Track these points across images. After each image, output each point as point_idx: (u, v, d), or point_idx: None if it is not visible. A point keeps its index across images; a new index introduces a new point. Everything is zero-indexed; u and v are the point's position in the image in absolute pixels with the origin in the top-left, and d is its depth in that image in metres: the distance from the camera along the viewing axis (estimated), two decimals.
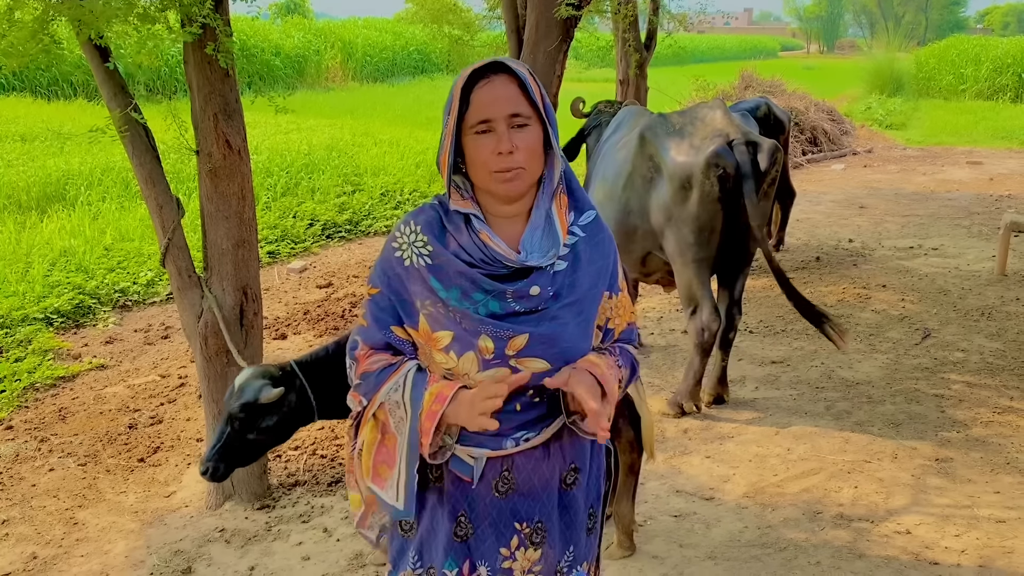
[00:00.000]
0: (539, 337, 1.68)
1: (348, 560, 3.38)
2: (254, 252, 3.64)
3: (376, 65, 28.67)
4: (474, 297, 1.67)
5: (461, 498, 1.78)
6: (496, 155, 1.64)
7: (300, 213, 8.89)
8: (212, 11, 3.12)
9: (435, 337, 1.70)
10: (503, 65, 1.65)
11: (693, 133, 4.45)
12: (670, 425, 4.53)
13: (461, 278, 1.68)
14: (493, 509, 1.78)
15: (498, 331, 1.66)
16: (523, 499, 1.78)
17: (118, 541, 3.58)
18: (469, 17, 9.81)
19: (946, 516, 3.63)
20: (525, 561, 1.81)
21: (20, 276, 6.43)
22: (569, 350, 1.71)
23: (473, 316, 1.67)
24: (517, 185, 1.67)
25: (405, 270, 1.71)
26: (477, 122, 1.65)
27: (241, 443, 2.75)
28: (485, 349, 1.67)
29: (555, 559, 1.84)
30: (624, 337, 1.87)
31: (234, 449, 2.75)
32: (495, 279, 1.68)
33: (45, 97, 17.57)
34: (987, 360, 5.34)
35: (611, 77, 10.13)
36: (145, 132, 3.43)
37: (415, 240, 1.72)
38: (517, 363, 1.69)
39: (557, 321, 1.70)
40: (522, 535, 1.79)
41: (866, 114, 18.52)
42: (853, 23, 77.60)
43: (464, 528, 1.80)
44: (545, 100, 1.68)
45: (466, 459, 1.75)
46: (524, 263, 1.68)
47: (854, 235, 8.75)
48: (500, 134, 1.64)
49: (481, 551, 1.80)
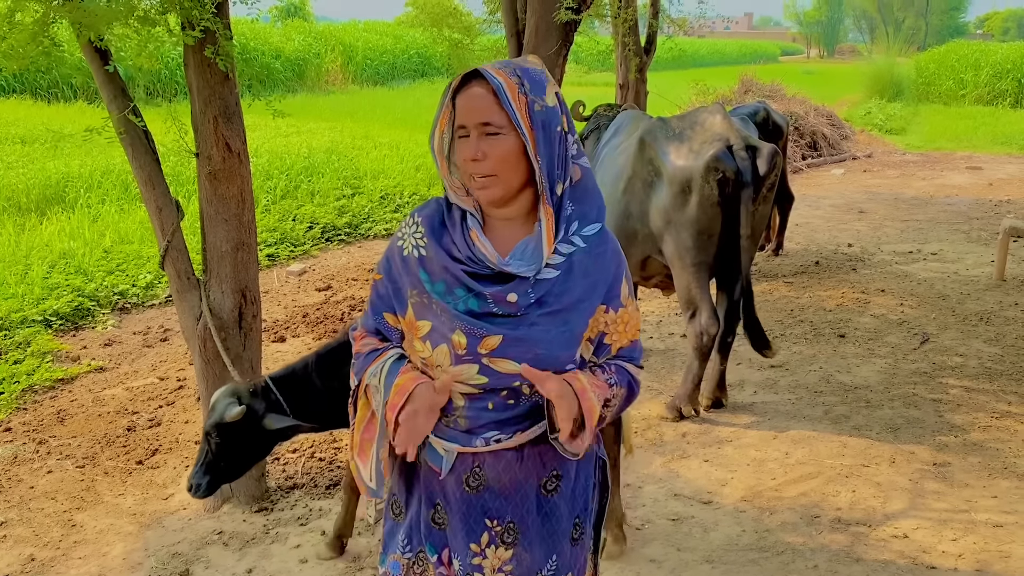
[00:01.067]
0: (513, 340, 1.68)
1: (346, 563, 3.38)
2: (253, 255, 3.65)
3: (376, 68, 28.72)
4: (456, 292, 1.71)
5: (437, 487, 1.82)
6: (468, 161, 1.67)
7: (299, 216, 8.90)
8: (213, 14, 3.13)
9: (417, 325, 1.76)
10: (480, 73, 1.67)
11: (693, 137, 4.46)
12: (668, 429, 4.54)
13: (446, 273, 1.72)
14: (464, 503, 1.79)
15: (472, 328, 1.68)
16: (494, 497, 1.78)
17: (116, 543, 3.58)
18: (469, 21, 9.84)
19: (943, 520, 3.63)
20: (496, 560, 1.80)
21: (19, 278, 6.43)
22: (544, 356, 1.69)
23: (451, 311, 1.70)
24: (490, 192, 1.69)
25: (403, 259, 1.78)
26: (458, 126, 1.69)
27: (222, 459, 2.81)
28: (458, 344, 1.70)
29: (532, 565, 1.82)
30: (624, 354, 1.84)
31: (216, 466, 2.81)
32: (477, 278, 1.70)
33: (45, 99, 17.62)
34: (985, 365, 5.34)
35: (611, 81, 10.14)
36: (145, 135, 3.43)
37: (414, 231, 1.77)
38: (490, 362, 1.70)
39: (536, 328, 1.69)
40: (492, 532, 1.79)
41: (866, 119, 18.53)
42: (853, 28, 77.68)
43: (440, 516, 1.84)
44: (531, 110, 1.65)
45: (439, 451, 1.79)
46: (504, 268, 1.69)
47: (853, 240, 8.76)
48: (471, 141, 1.67)
49: (455, 544, 1.83)
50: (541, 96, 1.67)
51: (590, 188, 1.77)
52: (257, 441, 2.86)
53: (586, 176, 1.76)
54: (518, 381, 1.71)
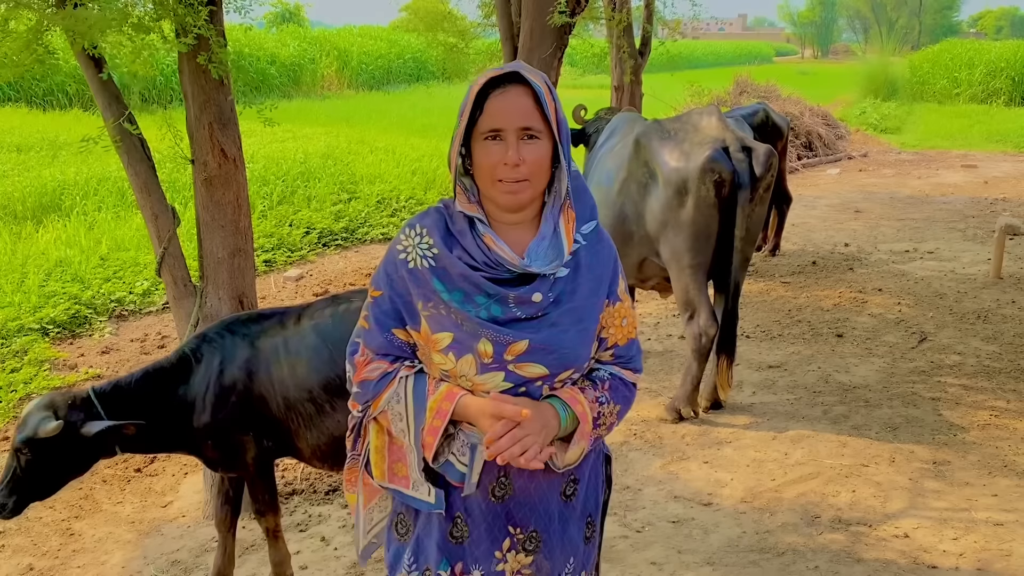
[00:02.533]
0: (539, 343, 1.68)
1: (346, 569, 3.37)
2: (250, 261, 3.65)
3: (371, 73, 28.73)
4: (476, 300, 1.68)
5: (459, 500, 1.78)
6: (503, 165, 1.64)
7: (296, 221, 8.89)
8: (206, 21, 3.13)
9: (434, 339, 1.70)
10: (522, 76, 1.65)
11: (688, 139, 4.47)
12: (667, 431, 4.53)
13: (464, 281, 1.68)
14: (489, 514, 1.77)
15: (498, 336, 1.67)
16: (519, 506, 1.78)
17: (115, 552, 3.57)
18: (464, 25, 9.83)
19: (944, 519, 3.63)
20: (515, 563, 1.80)
21: (16, 286, 6.42)
22: (567, 356, 1.72)
23: (474, 319, 1.67)
24: (520, 197, 1.67)
25: (409, 272, 1.71)
26: (488, 129, 1.64)
27: (32, 477, 2.61)
28: (484, 353, 1.68)
29: (552, 570, 1.83)
30: (622, 354, 1.83)
31: (25, 484, 2.61)
32: (497, 283, 1.69)
33: (40, 107, 17.57)
34: (983, 363, 5.35)
35: (606, 84, 10.16)
36: (140, 142, 3.43)
37: (420, 242, 1.72)
38: (515, 368, 1.69)
39: (557, 328, 1.70)
40: (514, 539, 1.79)
41: (861, 119, 18.58)
42: (847, 28, 77.90)
43: (460, 530, 1.79)
44: (559, 114, 1.68)
45: (458, 465, 1.75)
46: (527, 269, 1.69)
47: (850, 239, 8.76)
48: (509, 145, 1.64)
49: (475, 555, 1.79)
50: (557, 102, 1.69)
51: (581, 187, 1.79)
52: (75, 457, 2.67)
53: (577, 175, 1.78)
54: (539, 382, 1.72)
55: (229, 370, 2.84)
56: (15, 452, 2.60)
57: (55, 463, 2.64)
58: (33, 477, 2.62)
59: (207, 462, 3.01)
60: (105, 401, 2.69)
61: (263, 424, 2.89)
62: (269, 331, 2.91)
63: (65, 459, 2.65)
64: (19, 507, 2.64)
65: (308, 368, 2.84)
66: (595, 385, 1.79)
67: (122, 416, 2.69)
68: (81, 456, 2.69)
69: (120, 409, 2.70)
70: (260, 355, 2.87)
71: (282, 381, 2.85)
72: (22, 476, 2.61)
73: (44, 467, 2.63)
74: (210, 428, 2.84)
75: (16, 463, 2.60)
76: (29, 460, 2.60)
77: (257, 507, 3.04)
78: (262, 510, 3.04)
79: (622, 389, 1.82)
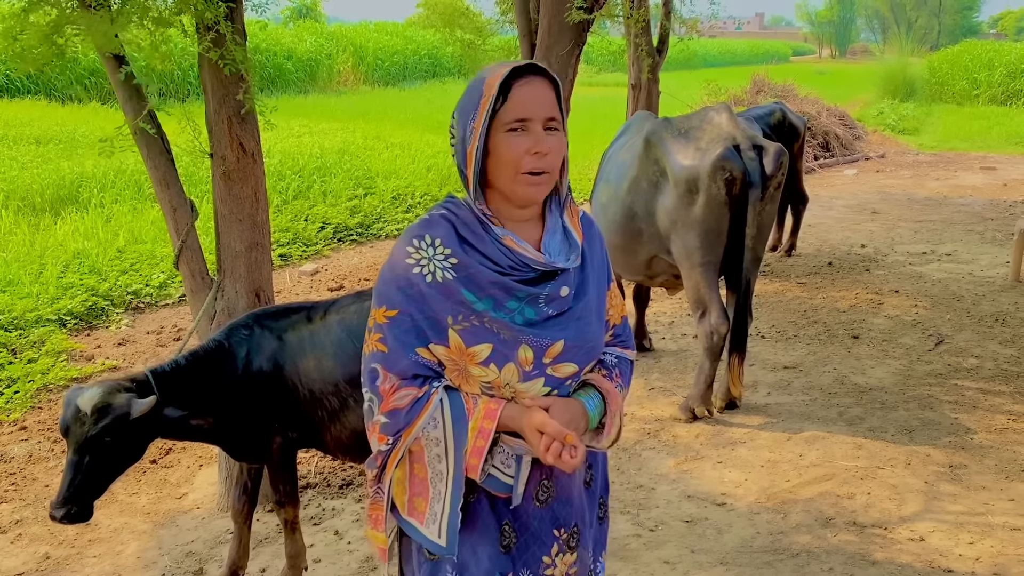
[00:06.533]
0: (572, 341, 1.70)
1: (359, 563, 3.38)
2: (267, 255, 3.66)
3: (387, 69, 28.78)
4: (508, 306, 1.65)
5: (505, 509, 1.76)
6: (530, 155, 1.61)
7: (312, 216, 8.92)
8: (225, 18, 3.14)
9: (471, 352, 1.64)
10: (542, 68, 1.64)
11: (699, 137, 4.46)
12: (681, 430, 4.52)
13: (494, 287, 1.63)
14: (535, 519, 1.77)
15: (537, 340, 1.66)
16: (562, 506, 1.80)
17: (130, 542, 3.60)
18: (481, 21, 9.84)
19: (960, 523, 3.61)
20: (563, 566, 1.82)
21: (34, 278, 6.47)
22: (595, 349, 1.77)
23: (512, 326, 1.64)
24: (542, 189, 1.66)
25: (429, 287, 1.62)
26: (513, 119, 1.60)
27: (105, 466, 2.55)
28: (525, 360, 1.66)
29: (588, 559, 1.88)
30: (620, 333, 1.90)
31: (92, 481, 2.53)
32: (525, 284, 1.67)
33: (59, 100, 17.69)
34: (1001, 366, 5.30)
35: (622, 82, 10.12)
36: (160, 136, 3.44)
37: (436, 254, 1.64)
38: (552, 371, 1.70)
39: (582, 321, 1.72)
40: (560, 541, 1.80)
41: (878, 119, 18.45)
42: (865, 28, 77.31)
43: (508, 538, 1.76)
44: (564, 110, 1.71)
45: (503, 478, 1.72)
46: (553, 265, 1.68)
47: (866, 240, 8.71)
48: (536, 134, 1.61)
49: (524, 559, 1.78)
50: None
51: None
52: (141, 441, 2.64)
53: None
54: (569, 381, 1.74)
55: (257, 361, 2.89)
56: (87, 445, 2.49)
57: (128, 447, 2.60)
58: (105, 467, 2.55)
59: (232, 451, 3.05)
60: (161, 382, 2.70)
61: (289, 415, 2.93)
62: (296, 325, 2.95)
63: (135, 443, 2.63)
64: (87, 512, 2.54)
65: (334, 362, 2.88)
66: (609, 373, 1.84)
67: (168, 399, 2.70)
68: (145, 440, 2.68)
69: (168, 393, 2.71)
70: (287, 348, 2.91)
71: (308, 374, 2.89)
72: (94, 469, 2.52)
73: (118, 453, 2.57)
74: (238, 418, 2.89)
75: (85, 457, 2.50)
76: (108, 446, 2.51)
77: (278, 498, 3.07)
78: (283, 501, 3.07)
79: (627, 370, 1.90)
